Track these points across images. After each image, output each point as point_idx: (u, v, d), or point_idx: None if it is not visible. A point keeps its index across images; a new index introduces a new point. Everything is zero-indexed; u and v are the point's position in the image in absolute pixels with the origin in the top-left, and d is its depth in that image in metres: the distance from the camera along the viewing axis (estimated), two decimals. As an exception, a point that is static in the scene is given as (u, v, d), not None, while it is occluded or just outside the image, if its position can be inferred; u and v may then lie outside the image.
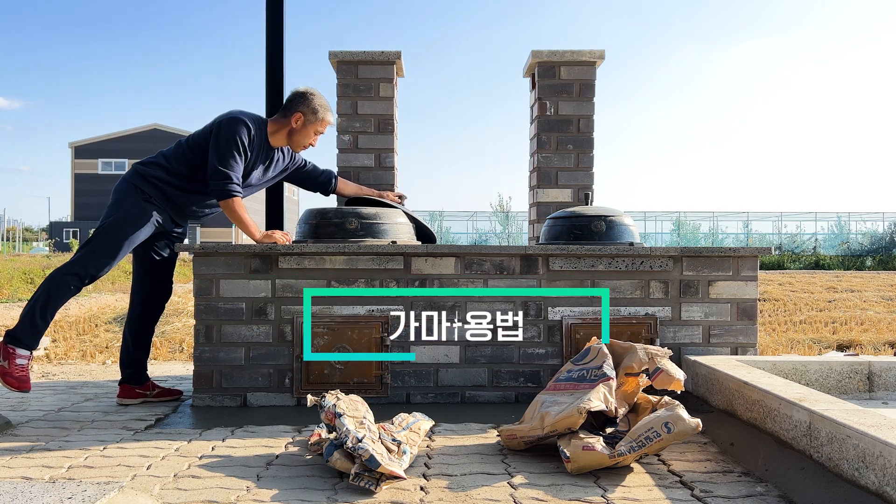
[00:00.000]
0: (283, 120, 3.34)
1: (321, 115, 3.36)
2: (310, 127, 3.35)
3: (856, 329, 7.26)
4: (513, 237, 24.47)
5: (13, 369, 3.00)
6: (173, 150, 3.32)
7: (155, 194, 3.23)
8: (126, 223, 3.15)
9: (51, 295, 3.07)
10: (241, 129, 3.19)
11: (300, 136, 3.37)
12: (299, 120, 3.33)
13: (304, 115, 3.33)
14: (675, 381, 2.54)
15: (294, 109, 3.33)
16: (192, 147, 3.27)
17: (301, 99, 3.34)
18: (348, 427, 2.27)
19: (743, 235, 27.98)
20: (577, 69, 4.58)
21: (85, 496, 1.97)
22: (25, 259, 16.26)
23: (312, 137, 3.40)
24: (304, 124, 3.33)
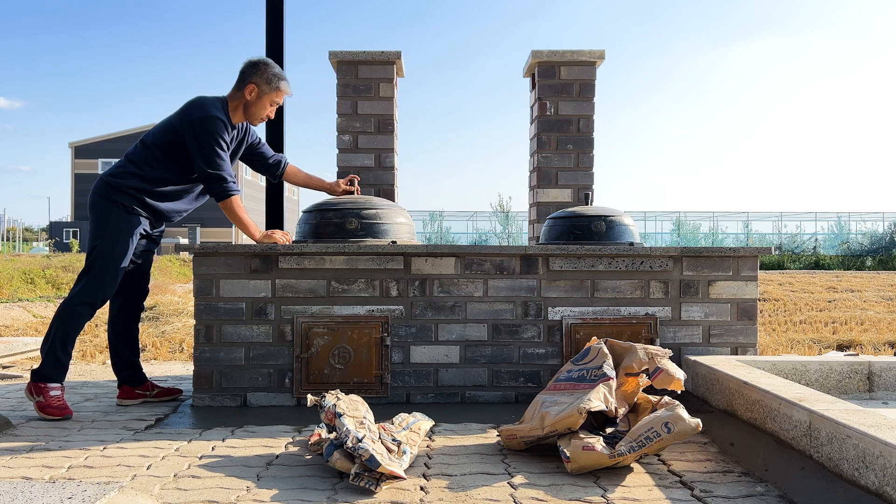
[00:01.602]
0: (237, 94, 3.23)
1: (275, 84, 3.23)
2: (265, 98, 3.23)
3: (856, 329, 7.26)
4: (513, 237, 24.46)
5: (50, 401, 3.02)
6: (141, 153, 3.19)
7: (136, 205, 3.15)
8: (116, 242, 3.10)
9: (67, 329, 3.07)
10: (218, 125, 3.11)
11: (256, 108, 3.23)
12: (253, 91, 3.20)
13: (258, 86, 3.20)
14: (675, 380, 2.54)
15: (247, 81, 3.21)
16: (163, 147, 3.16)
17: (253, 69, 3.22)
18: (348, 427, 2.27)
19: (743, 235, 27.97)
20: (577, 69, 4.58)
21: (85, 496, 1.97)
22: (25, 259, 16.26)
23: (269, 109, 3.27)
24: (259, 95, 3.21)
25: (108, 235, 3.10)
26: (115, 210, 3.12)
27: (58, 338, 3.06)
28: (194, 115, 3.11)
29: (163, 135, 3.17)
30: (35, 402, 3.05)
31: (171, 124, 3.17)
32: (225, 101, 3.22)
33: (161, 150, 3.16)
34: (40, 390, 3.03)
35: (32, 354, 5.12)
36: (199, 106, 3.13)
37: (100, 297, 3.11)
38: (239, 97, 3.22)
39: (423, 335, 3.38)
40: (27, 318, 7.63)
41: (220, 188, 3.14)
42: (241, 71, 3.25)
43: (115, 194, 3.12)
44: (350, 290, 3.35)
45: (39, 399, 3.02)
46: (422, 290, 3.37)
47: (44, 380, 3.05)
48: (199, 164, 3.11)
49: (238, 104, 3.23)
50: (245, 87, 3.20)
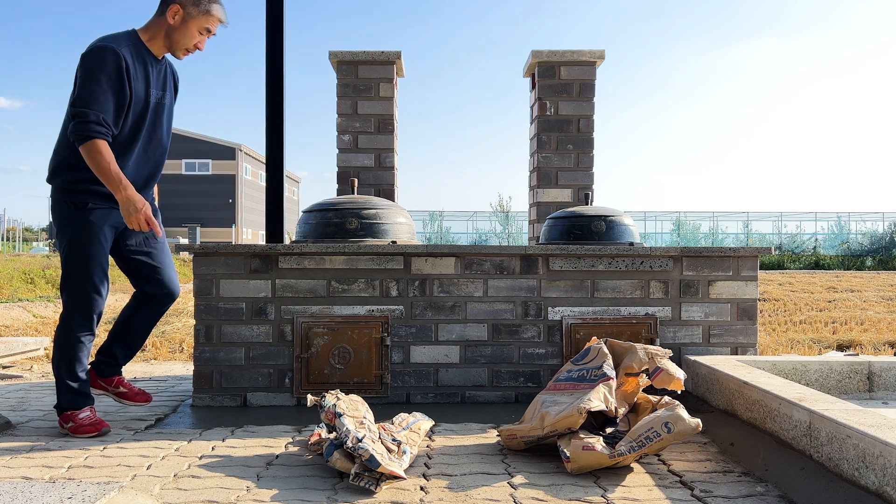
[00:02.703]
0: (158, 19, 2.73)
1: (205, 6, 2.72)
2: (191, 23, 2.72)
3: (856, 329, 7.26)
4: (513, 237, 24.46)
5: (80, 422, 2.77)
6: (61, 137, 2.73)
7: (87, 198, 2.71)
8: (76, 245, 2.71)
9: (70, 357, 2.78)
10: (106, 57, 2.57)
11: (180, 34, 2.72)
12: (178, 14, 2.70)
13: (184, 7, 2.70)
14: (675, 380, 2.54)
15: (169, 1, 2.71)
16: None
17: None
18: (348, 427, 2.27)
19: (743, 235, 27.97)
20: (577, 69, 4.59)
21: (85, 496, 1.97)
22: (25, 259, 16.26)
23: (198, 38, 2.76)
24: (185, 19, 2.71)
25: (65, 240, 2.73)
26: (66, 209, 2.71)
27: (62, 368, 2.78)
28: (86, 49, 2.62)
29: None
30: (69, 430, 2.77)
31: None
32: (133, 33, 2.73)
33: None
34: (68, 419, 2.77)
35: (32, 354, 5.13)
36: (95, 42, 2.64)
37: (88, 312, 2.75)
38: (160, 23, 2.73)
39: (423, 335, 3.38)
40: (27, 318, 7.63)
41: (81, 128, 2.55)
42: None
43: (64, 194, 2.72)
44: (350, 290, 3.35)
45: (70, 425, 2.76)
46: (422, 290, 3.37)
47: (66, 410, 2.79)
48: (70, 103, 2.60)
49: (158, 31, 2.74)
50: (168, 8, 2.70)
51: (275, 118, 3.96)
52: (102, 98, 2.56)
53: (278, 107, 3.95)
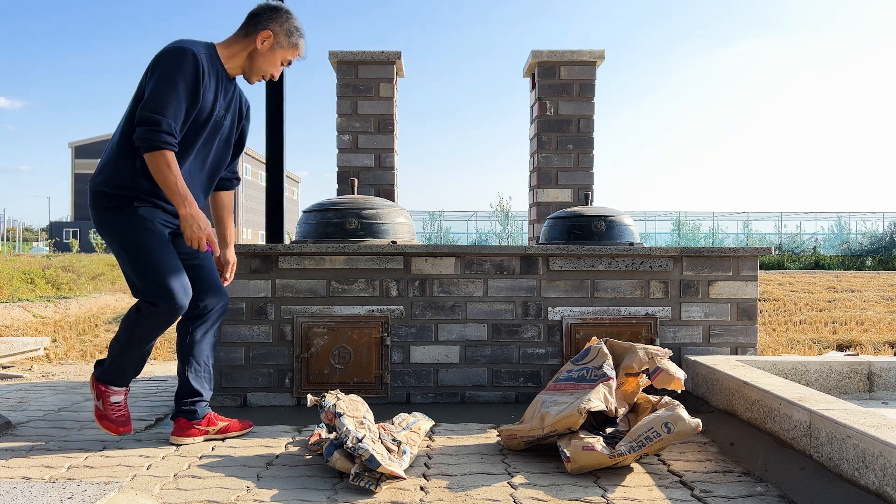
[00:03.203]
0: (244, 39, 2.59)
1: (295, 40, 2.63)
2: (278, 52, 2.61)
3: (856, 329, 7.25)
4: (513, 237, 24.45)
5: (108, 410, 2.58)
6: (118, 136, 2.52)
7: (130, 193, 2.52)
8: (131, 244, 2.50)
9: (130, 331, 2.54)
10: (188, 61, 2.41)
11: (264, 61, 2.60)
12: (268, 39, 2.58)
13: (275, 35, 2.58)
14: (675, 380, 2.54)
15: (262, 26, 2.58)
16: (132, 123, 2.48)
17: (273, 15, 2.60)
18: (348, 427, 2.27)
19: (743, 235, 27.95)
20: (577, 69, 4.59)
21: (85, 496, 1.97)
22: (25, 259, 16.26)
23: (277, 67, 2.65)
24: (273, 47, 2.59)
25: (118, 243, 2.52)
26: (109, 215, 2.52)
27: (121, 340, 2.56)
28: (163, 49, 2.46)
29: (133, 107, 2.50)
30: (94, 407, 2.61)
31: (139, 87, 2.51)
32: (211, 45, 2.57)
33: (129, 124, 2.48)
34: (101, 393, 2.58)
35: (32, 354, 5.13)
36: (174, 42, 2.49)
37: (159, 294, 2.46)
38: (245, 43, 2.59)
39: (423, 335, 3.38)
40: (27, 318, 7.63)
41: (151, 135, 2.37)
42: (253, 13, 2.61)
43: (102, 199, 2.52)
44: (350, 290, 3.35)
45: (98, 404, 2.59)
46: (422, 290, 3.37)
47: (104, 381, 2.59)
48: (143, 102, 2.40)
49: (240, 51, 2.59)
50: (259, 32, 2.57)
51: (275, 118, 3.96)
52: (175, 105, 2.40)
53: (278, 107, 3.95)
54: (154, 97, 2.38)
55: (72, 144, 47.02)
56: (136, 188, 2.49)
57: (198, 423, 2.68)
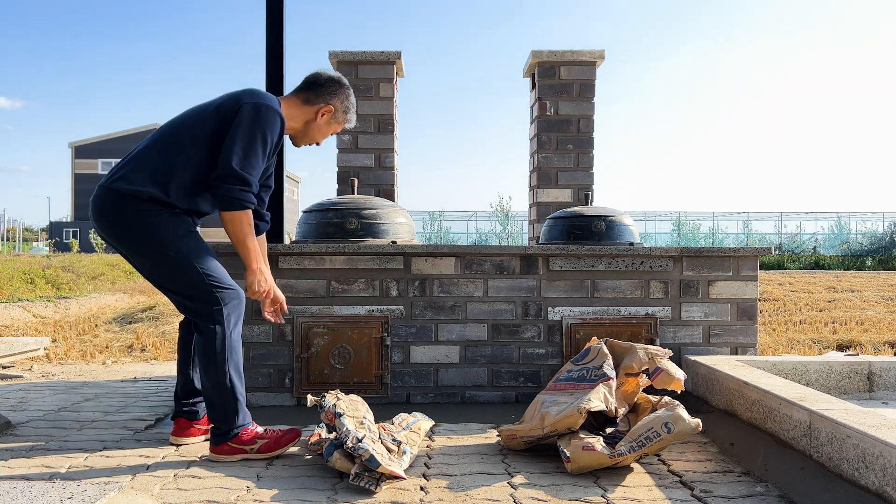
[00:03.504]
0: (303, 106, 2.59)
1: (351, 115, 2.67)
2: (333, 126, 2.65)
3: (856, 329, 7.26)
4: (513, 237, 24.46)
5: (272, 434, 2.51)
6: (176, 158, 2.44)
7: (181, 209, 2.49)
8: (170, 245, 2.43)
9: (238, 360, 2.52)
10: (275, 122, 2.44)
11: (317, 131, 2.64)
12: (327, 114, 2.61)
13: (335, 111, 2.61)
14: (675, 380, 2.54)
15: (323, 100, 2.59)
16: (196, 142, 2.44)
17: (338, 88, 2.60)
18: (348, 427, 2.27)
19: (743, 235, 27.95)
20: (577, 69, 4.59)
21: (85, 496, 1.98)
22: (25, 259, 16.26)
23: (326, 137, 2.71)
24: (329, 121, 2.63)
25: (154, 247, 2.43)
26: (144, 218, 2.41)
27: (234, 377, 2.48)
28: (251, 99, 2.44)
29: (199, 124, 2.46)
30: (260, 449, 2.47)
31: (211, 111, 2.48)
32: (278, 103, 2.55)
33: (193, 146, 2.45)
34: (251, 438, 2.46)
35: (32, 354, 5.13)
36: (259, 94, 2.49)
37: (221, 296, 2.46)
38: (304, 111, 2.60)
39: (423, 335, 3.38)
40: (27, 318, 7.63)
41: (238, 194, 2.40)
42: (317, 82, 2.60)
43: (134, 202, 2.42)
44: (350, 290, 3.35)
45: (261, 444, 2.47)
46: (422, 290, 3.37)
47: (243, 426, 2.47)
48: (226, 156, 2.38)
49: (297, 116, 2.60)
50: (321, 105, 2.59)
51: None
52: (260, 164, 2.44)
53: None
54: (247, 155, 2.40)
55: (72, 144, 46.99)
56: (179, 202, 2.46)
57: (198, 422, 2.68)
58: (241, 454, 2.45)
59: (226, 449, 2.45)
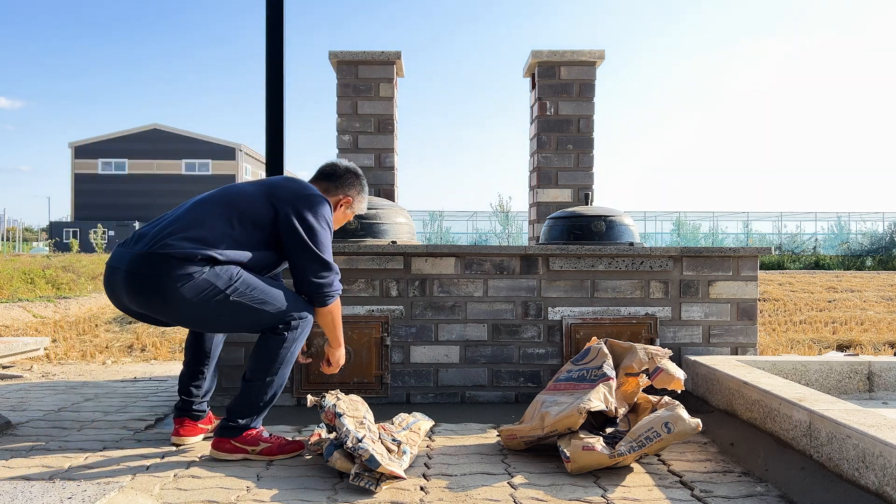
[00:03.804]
0: (327, 197, 2.65)
1: (365, 204, 2.79)
2: (350, 214, 2.76)
3: (856, 329, 7.26)
4: (513, 237, 24.46)
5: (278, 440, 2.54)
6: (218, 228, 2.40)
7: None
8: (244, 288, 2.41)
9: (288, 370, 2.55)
10: (329, 212, 2.56)
11: (335, 220, 2.69)
12: (347, 204, 2.70)
13: (353, 202, 2.71)
14: (675, 380, 2.54)
15: (343, 191, 2.68)
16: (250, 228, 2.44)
17: (354, 181, 2.70)
18: (348, 427, 2.27)
19: (743, 235, 27.94)
20: (577, 69, 4.58)
21: (85, 496, 1.98)
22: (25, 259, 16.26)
23: (340, 224, 2.78)
24: (347, 210, 2.73)
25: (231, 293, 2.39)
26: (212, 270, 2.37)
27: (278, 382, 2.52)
28: (308, 192, 2.52)
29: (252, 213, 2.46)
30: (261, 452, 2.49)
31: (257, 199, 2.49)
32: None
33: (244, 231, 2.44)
34: (254, 439, 2.49)
35: (32, 354, 5.13)
36: (309, 186, 2.58)
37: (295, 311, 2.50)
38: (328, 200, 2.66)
39: (423, 335, 3.38)
40: (27, 318, 7.63)
41: (328, 289, 2.49)
42: (334, 173, 2.68)
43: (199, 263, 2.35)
44: (350, 289, 3.34)
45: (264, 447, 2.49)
46: (422, 290, 3.37)
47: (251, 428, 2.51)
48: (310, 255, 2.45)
49: None
50: (342, 195, 2.68)
51: (275, 118, 3.96)
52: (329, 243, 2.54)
53: (278, 107, 3.95)
54: (325, 248, 2.49)
55: (72, 144, 46.99)
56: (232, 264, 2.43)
57: (202, 422, 2.69)
58: (241, 454, 2.47)
59: (228, 446, 2.46)
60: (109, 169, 46.44)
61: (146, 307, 2.42)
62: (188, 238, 2.36)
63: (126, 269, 2.36)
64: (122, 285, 2.39)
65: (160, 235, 2.37)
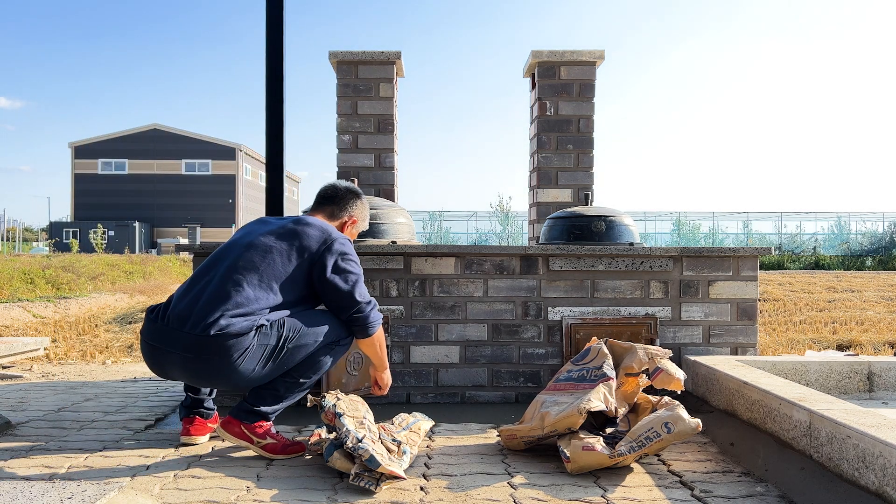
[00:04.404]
0: (330, 220, 2.77)
1: (367, 221, 2.92)
2: (355, 233, 2.87)
3: (856, 329, 7.26)
4: (513, 237, 24.47)
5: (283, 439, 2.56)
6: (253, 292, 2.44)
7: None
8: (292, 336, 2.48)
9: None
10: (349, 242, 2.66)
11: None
12: (353, 224, 2.83)
13: (358, 220, 2.84)
14: (675, 380, 2.54)
15: (349, 210, 2.80)
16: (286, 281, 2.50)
17: (356, 199, 2.82)
18: (348, 427, 2.27)
19: (743, 235, 27.95)
20: (577, 69, 4.59)
21: (85, 496, 1.98)
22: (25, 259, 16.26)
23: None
24: (352, 230, 2.85)
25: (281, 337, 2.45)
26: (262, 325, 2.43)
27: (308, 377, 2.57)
28: (334, 235, 2.60)
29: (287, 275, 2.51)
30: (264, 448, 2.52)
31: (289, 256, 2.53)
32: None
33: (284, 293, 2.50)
34: (265, 432, 2.52)
35: (32, 354, 5.13)
36: (331, 231, 2.62)
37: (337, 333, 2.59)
38: (336, 224, 2.78)
39: (423, 335, 3.38)
40: (27, 318, 7.63)
41: (370, 318, 2.58)
42: (336, 196, 2.79)
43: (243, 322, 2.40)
44: (350, 290, 3.34)
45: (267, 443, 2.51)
46: (422, 290, 3.37)
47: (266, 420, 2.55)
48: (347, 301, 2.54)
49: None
50: (348, 217, 2.80)
51: (275, 118, 3.96)
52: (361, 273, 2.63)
53: (278, 107, 3.95)
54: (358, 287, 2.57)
55: (72, 144, 46.98)
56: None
57: (210, 420, 2.74)
58: (246, 441, 2.51)
59: (237, 430, 2.51)
60: (109, 169, 46.44)
61: (206, 383, 2.54)
62: (237, 315, 2.39)
63: (182, 354, 2.39)
64: (179, 365, 2.43)
65: (207, 314, 2.37)
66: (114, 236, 39.31)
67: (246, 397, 2.57)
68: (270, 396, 2.53)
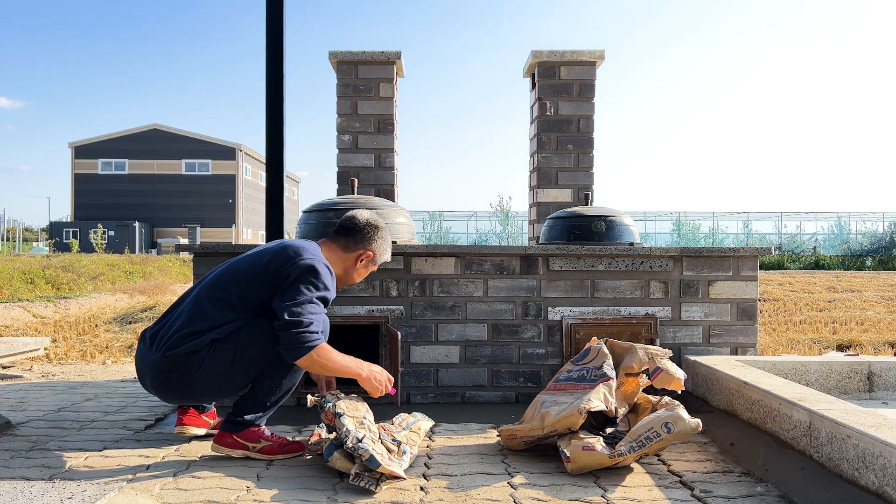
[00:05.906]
0: (343, 253, 2.62)
1: (387, 255, 2.73)
2: (371, 267, 2.69)
3: (856, 329, 7.25)
4: (513, 237, 24.47)
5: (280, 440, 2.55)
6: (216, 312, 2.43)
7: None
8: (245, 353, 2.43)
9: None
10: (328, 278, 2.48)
11: (357, 275, 2.68)
12: (369, 258, 2.65)
13: (375, 254, 2.65)
14: (675, 380, 2.54)
15: (363, 246, 2.62)
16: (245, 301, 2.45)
17: (374, 234, 2.64)
18: (348, 427, 2.27)
19: (743, 235, 27.95)
20: (577, 69, 4.59)
21: (85, 496, 1.97)
22: (25, 259, 16.26)
23: (363, 276, 2.74)
24: (367, 265, 2.67)
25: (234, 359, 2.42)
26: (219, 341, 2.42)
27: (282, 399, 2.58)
28: (306, 257, 2.45)
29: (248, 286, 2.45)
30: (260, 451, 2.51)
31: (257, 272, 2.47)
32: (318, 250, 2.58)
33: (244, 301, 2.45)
34: (259, 436, 2.51)
35: (32, 354, 5.13)
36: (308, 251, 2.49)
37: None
38: (344, 257, 2.62)
39: (424, 335, 3.38)
40: (27, 318, 7.62)
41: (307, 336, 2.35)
42: (354, 228, 2.63)
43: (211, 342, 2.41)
44: (350, 289, 3.35)
45: (261, 446, 2.51)
46: (422, 290, 3.37)
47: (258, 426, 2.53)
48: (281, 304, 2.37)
49: (337, 262, 2.61)
50: (363, 251, 2.63)
51: (275, 118, 3.96)
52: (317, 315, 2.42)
53: (278, 107, 3.95)
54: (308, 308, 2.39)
55: (72, 144, 46.99)
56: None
57: (206, 414, 2.76)
58: (242, 449, 2.49)
59: (230, 441, 2.49)
60: (109, 169, 46.44)
61: (177, 399, 2.57)
62: (196, 332, 2.40)
63: (150, 374, 2.45)
64: (152, 386, 2.48)
65: (171, 334, 2.42)
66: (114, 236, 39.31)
67: (231, 409, 2.55)
68: (253, 404, 2.52)
